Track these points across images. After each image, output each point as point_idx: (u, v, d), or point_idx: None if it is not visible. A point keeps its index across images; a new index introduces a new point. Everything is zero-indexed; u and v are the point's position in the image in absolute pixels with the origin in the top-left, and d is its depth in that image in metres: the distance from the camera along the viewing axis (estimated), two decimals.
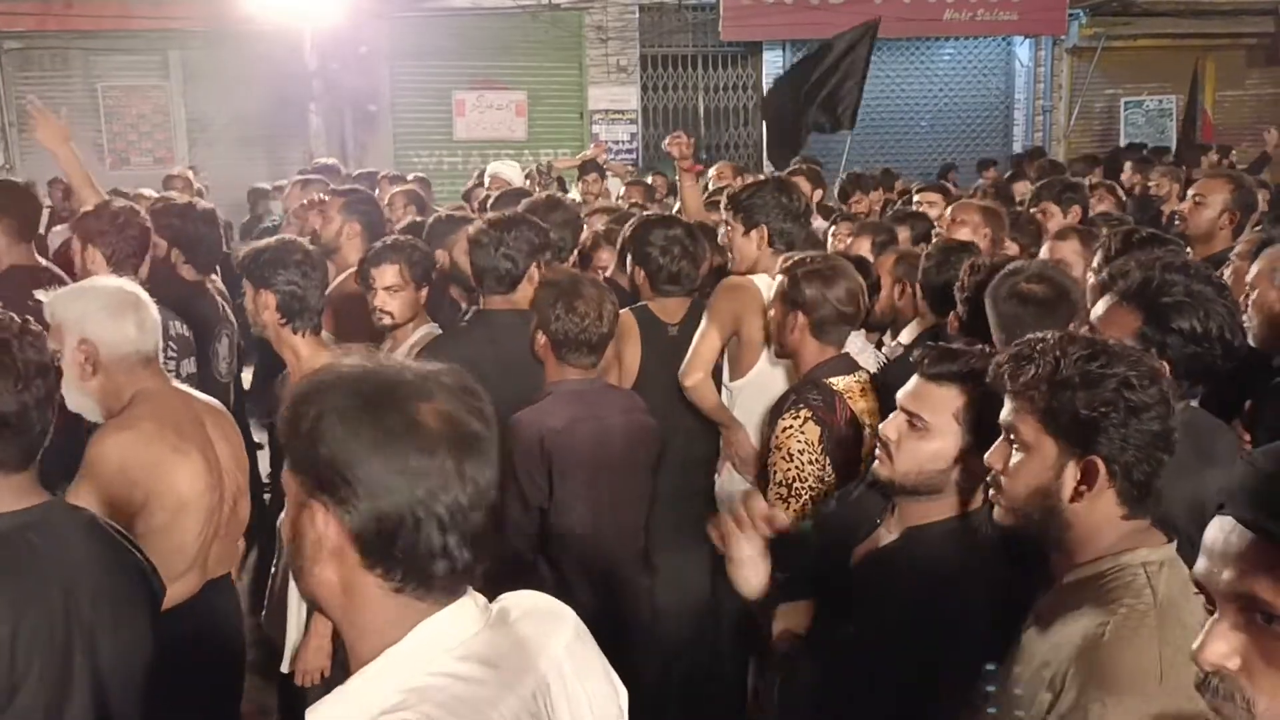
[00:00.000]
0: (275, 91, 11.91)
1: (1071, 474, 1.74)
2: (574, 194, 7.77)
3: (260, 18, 10.36)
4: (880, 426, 2.20)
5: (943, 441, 2.07)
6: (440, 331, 3.88)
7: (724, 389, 3.77)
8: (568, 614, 1.45)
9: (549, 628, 1.39)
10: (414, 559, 1.25)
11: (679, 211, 4.94)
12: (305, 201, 4.80)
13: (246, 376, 6.05)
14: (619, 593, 3.20)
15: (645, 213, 4.44)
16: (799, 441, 2.94)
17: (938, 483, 2.09)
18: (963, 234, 4.23)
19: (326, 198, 4.84)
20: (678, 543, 3.49)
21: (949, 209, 4.82)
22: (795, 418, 2.97)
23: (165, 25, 11.61)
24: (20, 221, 4.00)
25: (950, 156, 13.18)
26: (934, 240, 4.54)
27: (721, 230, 4.07)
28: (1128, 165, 9.31)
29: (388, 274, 3.69)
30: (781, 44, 13.51)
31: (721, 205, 4.00)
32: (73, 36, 11.93)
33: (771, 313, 3.25)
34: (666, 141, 4.95)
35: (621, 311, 3.60)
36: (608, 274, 4.46)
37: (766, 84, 13.72)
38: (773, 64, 13.61)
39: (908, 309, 4.03)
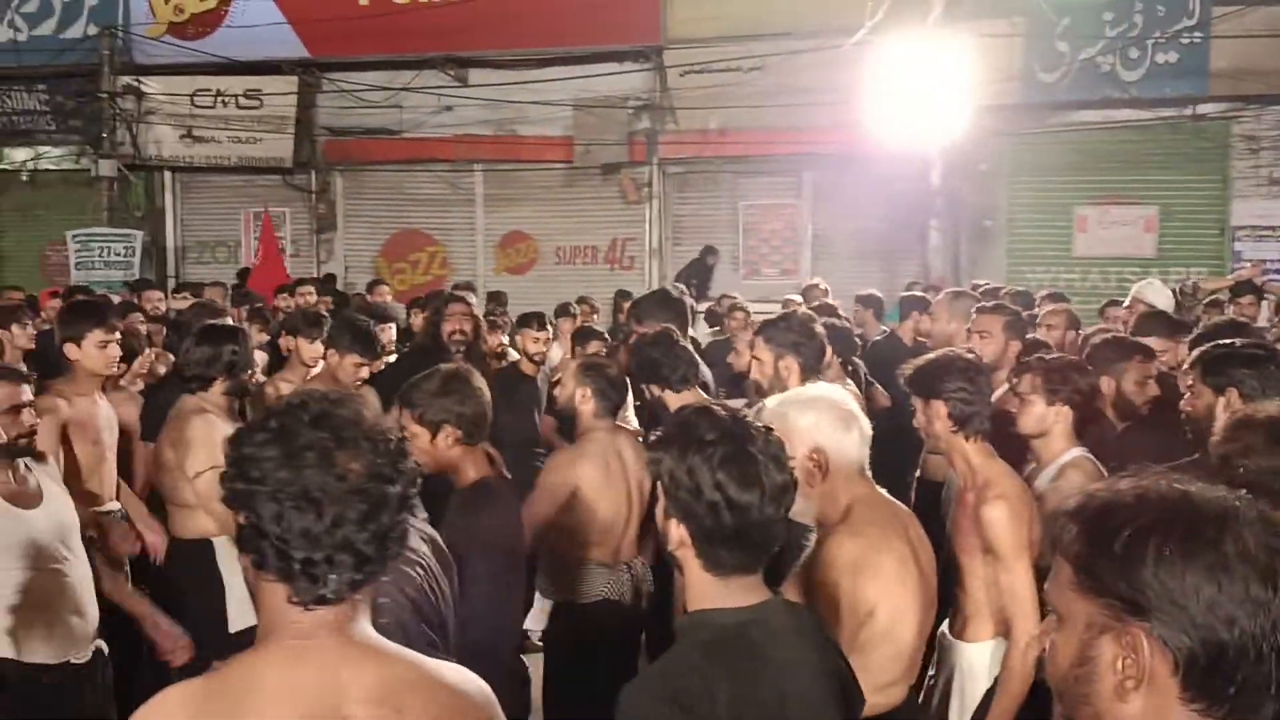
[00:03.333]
0: (896, 208, 12.41)
1: None
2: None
3: (888, 139, 10.86)
4: None
5: None
6: (1086, 455, 3.69)
7: None
8: None
9: None
10: (1250, 694, 1.18)
11: None
12: (971, 326, 4.83)
13: None
14: None
15: None
16: None
17: None
18: None
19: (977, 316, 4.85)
20: None
21: None
22: None
23: (802, 149, 12.67)
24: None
25: None
26: None
27: None
28: None
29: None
30: None
31: None
32: (723, 161, 13.46)
33: None
34: None
35: None
36: None
37: None
38: None
39: None
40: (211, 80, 14.09)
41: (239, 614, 4.01)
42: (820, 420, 2.68)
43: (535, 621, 4.41)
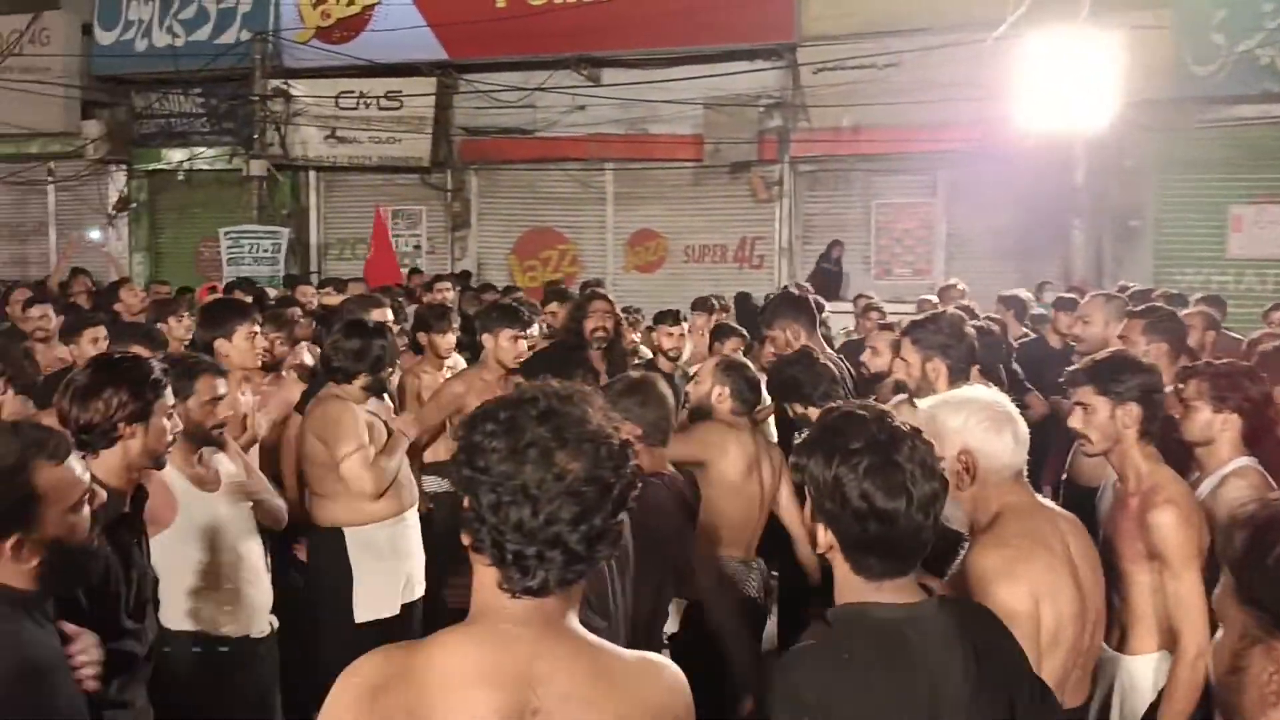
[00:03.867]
0: (1035, 207, 12.06)
1: None
2: None
3: (1029, 136, 10.54)
4: None
5: None
6: (1253, 464, 3.52)
7: None
8: None
9: None
10: None
11: None
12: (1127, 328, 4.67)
13: None
14: None
15: None
16: None
17: None
18: None
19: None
20: None
21: None
22: None
23: (938, 147, 12.40)
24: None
25: None
26: None
27: None
28: None
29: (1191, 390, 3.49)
30: None
31: None
32: (856, 159, 13.29)
33: None
34: None
35: None
36: None
37: None
38: None
39: None
40: (354, 82, 14.59)
41: (364, 605, 4.14)
42: (970, 422, 2.59)
43: (669, 623, 4.45)
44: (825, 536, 1.96)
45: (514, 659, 1.53)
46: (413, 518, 4.41)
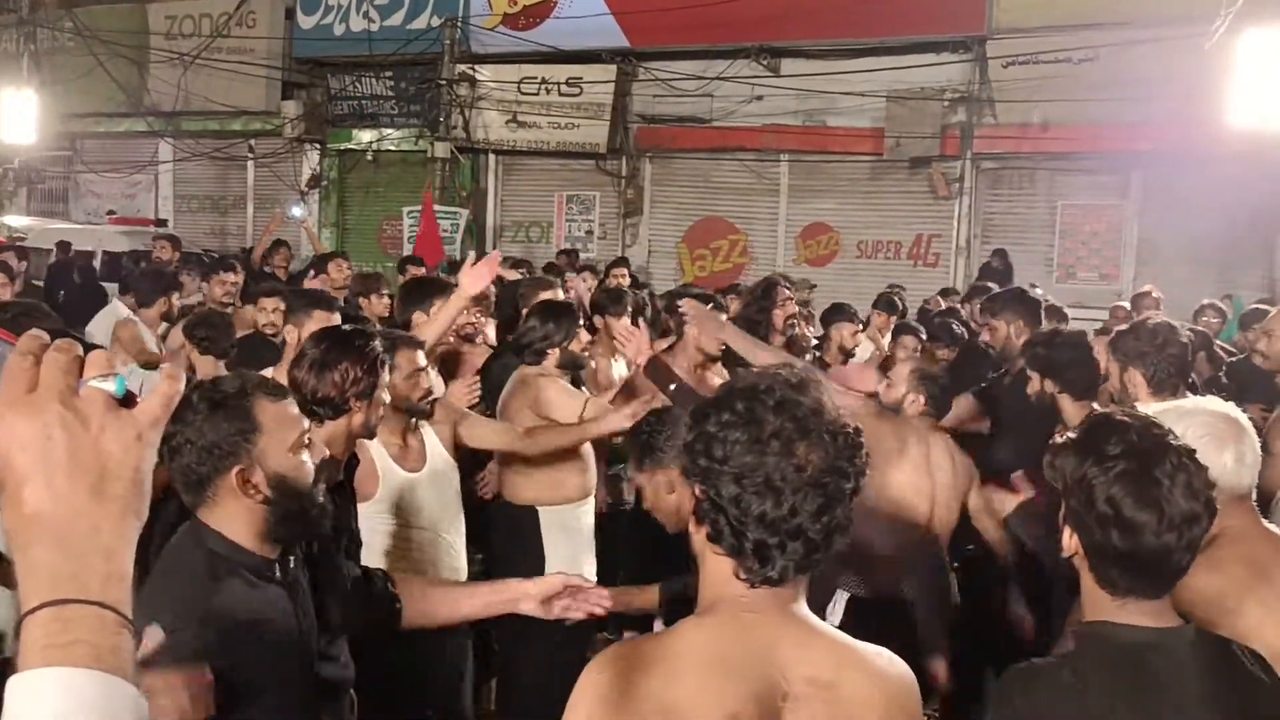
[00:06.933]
0: (1240, 214, 11.36)
1: None
2: None
3: (1235, 138, 9.91)
4: None
5: None
6: None
7: None
8: None
9: None
10: None
11: None
12: None
13: None
14: None
15: None
16: None
17: None
18: None
19: None
20: None
21: None
22: None
23: (1134, 147, 11.82)
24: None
25: None
26: None
27: None
28: None
29: None
30: None
31: None
32: (1042, 158, 12.79)
33: None
34: None
35: None
36: None
37: None
38: None
39: None
40: (537, 68, 14.89)
41: None
42: (1187, 436, 2.31)
43: (833, 615, 4.40)
44: (1071, 540, 1.91)
45: (759, 645, 1.53)
46: (591, 502, 4.49)
